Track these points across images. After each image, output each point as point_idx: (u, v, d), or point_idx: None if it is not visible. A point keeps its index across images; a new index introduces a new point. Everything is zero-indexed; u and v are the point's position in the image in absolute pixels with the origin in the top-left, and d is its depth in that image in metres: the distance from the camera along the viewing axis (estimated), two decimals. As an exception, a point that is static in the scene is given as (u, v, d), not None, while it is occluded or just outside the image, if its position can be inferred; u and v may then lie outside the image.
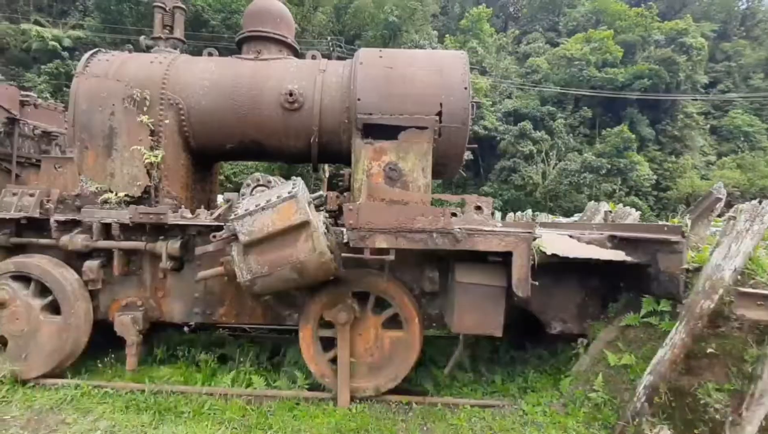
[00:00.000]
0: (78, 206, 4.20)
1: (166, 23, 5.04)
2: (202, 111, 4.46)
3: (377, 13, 31.04)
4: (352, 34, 31.48)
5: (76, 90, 4.33)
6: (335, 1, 33.11)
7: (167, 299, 4.12)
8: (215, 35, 28.46)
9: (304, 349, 3.88)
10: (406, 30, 30.79)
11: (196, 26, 27.91)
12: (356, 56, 4.48)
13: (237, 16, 28.99)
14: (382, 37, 31.13)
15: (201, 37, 28.09)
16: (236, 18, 28.95)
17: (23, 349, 3.83)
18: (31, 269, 3.86)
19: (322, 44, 29.92)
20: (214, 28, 28.17)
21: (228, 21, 28.36)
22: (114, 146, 4.29)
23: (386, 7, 30.17)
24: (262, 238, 3.27)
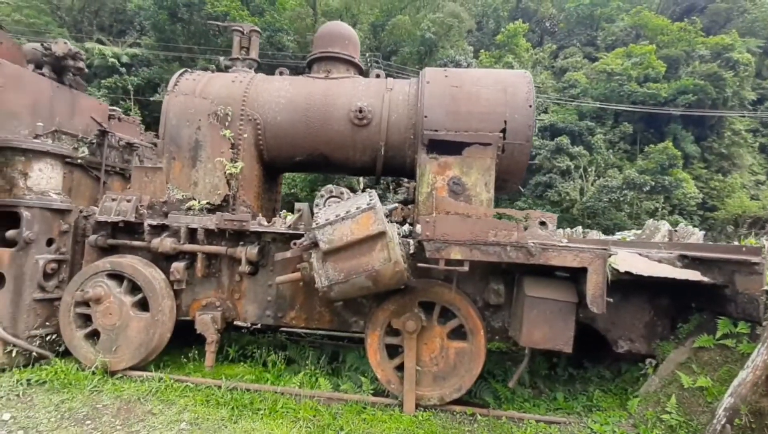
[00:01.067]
0: (165, 212, 4.57)
1: (243, 45, 5.46)
2: (277, 126, 4.78)
3: (413, 30, 31.69)
4: (388, 51, 32.22)
5: (167, 106, 4.74)
6: (372, 18, 34.07)
7: (242, 301, 4.38)
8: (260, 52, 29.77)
9: (370, 355, 4.02)
10: (442, 46, 31.23)
11: (241, 44, 29.33)
12: (422, 76, 4.70)
13: (280, 35, 30.37)
14: (418, 53, 31.68)
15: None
16: (279, 36, 30.33)
17: (114, 342, 4.17)
18: (124, 269, 4.22)
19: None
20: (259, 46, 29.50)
21: (272, 39, 29.68)
22: (198, 157, 4.66)
23: (423, 24, 30.74)
24: (341, 246, 3.47)
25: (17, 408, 3.66)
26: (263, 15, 30.90)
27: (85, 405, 3.75)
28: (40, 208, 4.15)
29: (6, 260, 4.01)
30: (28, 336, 4.10)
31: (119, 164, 6.06)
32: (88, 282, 4.22)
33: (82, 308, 4.26)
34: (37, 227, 4.12)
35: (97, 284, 4.20)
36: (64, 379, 4.00)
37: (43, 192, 4.24)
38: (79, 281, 4.25)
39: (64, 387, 3.94)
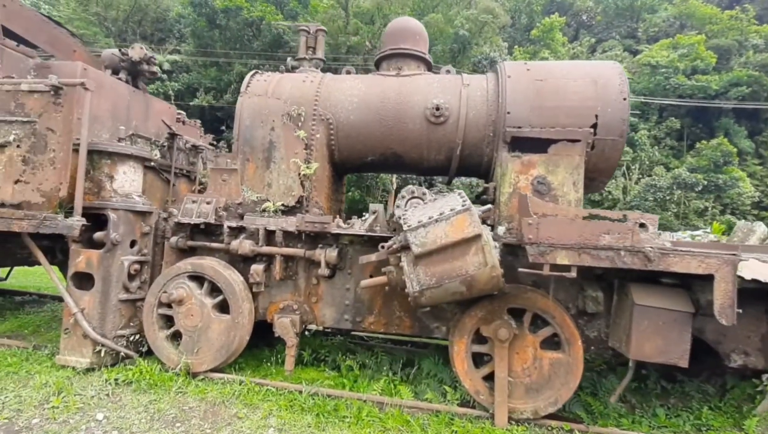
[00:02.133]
0: (240, 214, 4.55)
1: (310, 45, 5.40)
2: (349, 125, 4.68)
3: (446, 28, 31.27)
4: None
5: (241, 108, 4.73)
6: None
7: (320, 304, 4.30)
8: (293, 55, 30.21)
9: (457, 363, 3.84)
10: (476, 43, 30.67)
11: (276, 47, 29.94)
12: (501, 70, 4.47)
13: (313, 37, 30.53)
14: (451, 51, 31.22)
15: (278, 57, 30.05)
16: (312, 38, 30.48)
17: (196, 344, 4.18)
18: (205, 271, 4.22)
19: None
20: (292, 48, 29.97)
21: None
22: (272, 158, 4.62)
23: (456, 21, 30.29)
24: (434, 250, 3.31)
25: (108, 408, 3.70)
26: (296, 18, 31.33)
27: (172, 407, 3.75)
28: (125, 210, 4.20)
29: (95, 261, 4.08)
30: (114, 336, 4.17)
31: (185, 167, 6.14)
32: (170, 284, 4.25)
33: (164, 310, 4.30)
34: (122, 229, 4.18)
35: (179, 285, 4.22)
36: (149, 380, 4.03)
37: (127, 194, 4.30)
38: (162, 283, 4.28)
39: (151, 387, 3.97)
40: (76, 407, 3.63)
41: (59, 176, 3.87)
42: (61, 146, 3.88)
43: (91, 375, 4.06)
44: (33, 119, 3.94)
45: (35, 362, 4.27)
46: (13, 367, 4.12)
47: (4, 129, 4.01)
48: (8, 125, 4.00)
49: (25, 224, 3.85)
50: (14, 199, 3.92)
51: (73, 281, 4.15)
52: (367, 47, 32.26)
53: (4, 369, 4.07)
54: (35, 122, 3.94)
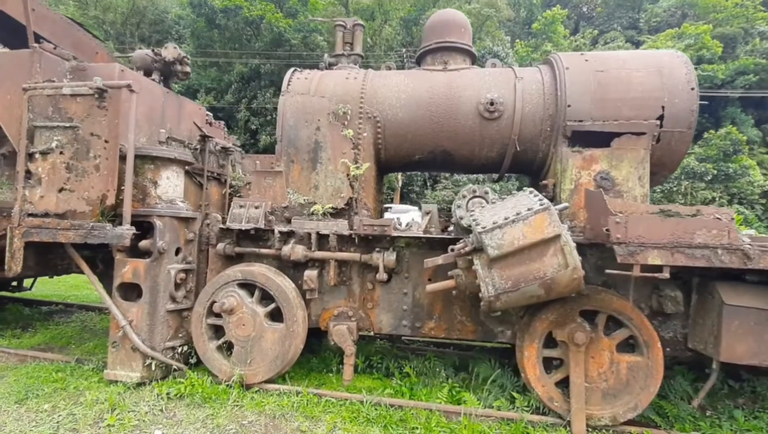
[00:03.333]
0: (287, 218, 4.38)
1: (347, 40, 5.21)
2: (397, 123, 4.50)
3: (448, 22, 31.03)
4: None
5: (284, 107, 4.55)
6: (403, 14, 33.56)
7: (376, 310, 4.13)
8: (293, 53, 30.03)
9: (528, 369, 3.68)
10: (478, 37, 30.43)
11: (276, 46, 29.64)
12: (557, 61, 4.30)
13: (315, 35, 30.40)
14: (454, 46, 30.98)
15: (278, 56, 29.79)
16: (314, 37, 30.36)
17: (248, 354, 4.01)
18: (256, 278, 4.05)
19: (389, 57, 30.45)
20: (293, 47, 29.70)
21: (306, 39, 29.76)
22: (319, 159, 4.44)
23: (458, 16, 30.02)
24: (511, 252, 3.14)
25: (165, 424, 3.53)
26: (296, 16, 31.03)
27: (231, 421, 3.58)
28: (170, 217, 4.02)
29: (142, 271, 3.90)
30: (163, 349, 3.99)
31: (216, 169, 5.95)
32: (219, 292, 4.08)
33: (212, 319, 4.12)
34: (168, 237, 4.00)
35: (230, 294, 4.05)
36: (202, 393, 3.86)
37: (171, 200, 4.12)
38: (210, 292, 4.11)
39: (205, 401, 3.80)
40: (131, 424, 3.46)
41: (106, 183, 3.68)
42: (107, 151, 3.69)
43: (142, 389, 3.89)
44: (75, 123, 3.74)
45: (81, 377, 4.09)
46: (59, 383, 3.94)
47: (44, 135, 3.82)
48: (49, 131, 3.81)
49: (71, 235, 3.66)
50: (58, 208, 3.73)
51: (119, 292, 3.97)
52: (368, 44, 32.01)
53: (51, 385, 3.90)
54: (78, 127, 3.74)
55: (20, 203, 3.80)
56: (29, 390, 3.82)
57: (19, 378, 4.08)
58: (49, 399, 3.70)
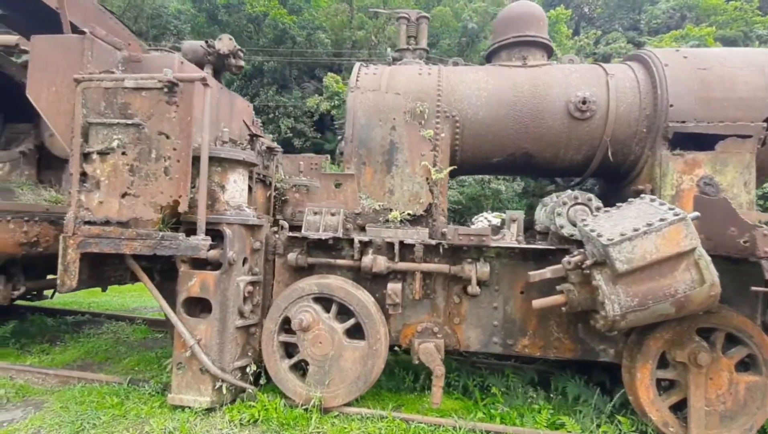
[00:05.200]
0: (360, 225, 4.04)
1: (411, 34, 4.87)
2: (477, 123, 4.18)
3: (453, 21, 30.78)
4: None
5: (353, 105, 4.20)
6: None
7: (463, 326, 3.81)
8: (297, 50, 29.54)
9: (641, 392, 3.39)
10: (485, 36, 30.24)
11: (279, 42, 29.09)
12: (652, 57, 4.02)
13: (319, 32, 29.92)
14: (459, 45, 30.78)
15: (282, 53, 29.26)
16: (317, 34, 29.89)
17: (326, 375, 3.66)
18: (334, 291, 3.69)
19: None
20: (297, 44, 29.19)
21: (310, 37, 29.28)
22: (394, 161, 4.10)
23: (464, 14, 29.81)
24: (641, 267, 2.85)
25: (243, 456, 3.17)
26: (300, 13, 30.51)
27: (316, 452, 3.24)
28: (239, 224, 3.65)
29: (211, 284, 3.53)
30: (233, 369, 3.62)
31: (261, 171, 5.57)
32: (292, 307, 3.72)
33: (284, 336, 3.77)
34: (237, 246, 3.62)
35: (304, 309, 3.69)
36: (277, 418, 3.50)
37: (238, 206, 3.75)
38: (282, 306, 3.75)
39: (282, 427, 3.44)
40: (208, 457, 3.11)
41: (177, 188, 3.29)
42: (178, 152, 3.30)
43: (212, 415, 3.52)
44: (140, 121, 3.35)
45: (139, 401, 3.70)
46: (117, 409, 3.55)
47: (102, 133, 3.42)
48: (107, 129, 3.41)
49: (137, 245, 3.27)
50: (121, 216, 3.34)
51: (185, 307, 3.59)
52: (373, 42, 31.63)
53: (109, 412, 3.50)
54: (143, 125, 3.35)
55: (75, 209, 3.39)
56: (83, 418, 3.42)
57: (67, 403, 3.67)
58: (109, 429, 3.31)
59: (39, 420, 3.39)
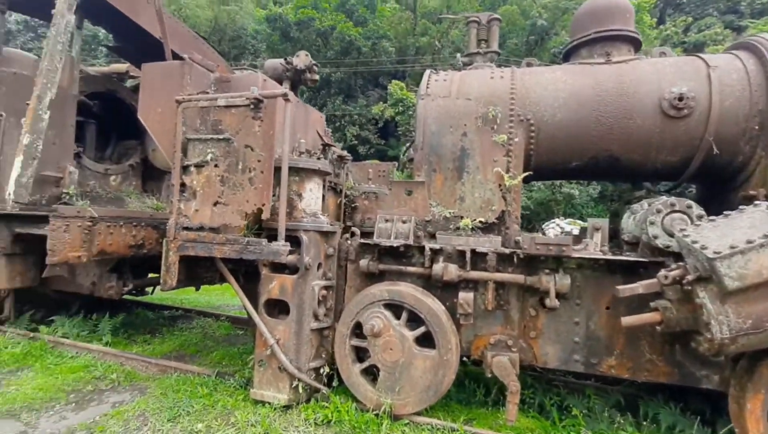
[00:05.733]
0: (430, 232, 4.01)
1: (481, 37, 4.77)
2: (555, 126, 3.96)
3: (521, 19, 29.67)
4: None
5: (424, 112, 4.20)
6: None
7: (539, 340, 3.61)
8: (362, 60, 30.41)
9: (750, 425, 2.94)
10: (555, 33, 28.76)
11: (345, 54, 30.19)
12: (764, 44, 3.51)
13: (383, 41, 30.57)
14: (527, 44, 29.59)
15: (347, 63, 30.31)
16: (382, 43, 30.55)
17: (396, 382, 3.67)
18: (404, 298, 3.71)
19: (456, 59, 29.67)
20: (362, 54, 30.09)
21: (375, 46, 30.03)
22: (465, 168, 4.03)
23: (533, 11, 28.61)
24: (755, 284, 2.48)
25: (318, 455, 3.28)
26: (366, 24, 31.43)
27: (388, 458, 3.25)
28: (314, 231, 3.82)
29: (289, 287, 3.73)
30: (308, 369, 3.78)
31: (332, 179, 5.79)
32: (364, 313, 3.80)
33: (356, 341, 3.86)
34: (312, 252, 3.79)
35: (375, 315, 3.75)
36: (350, 421, 3.58)
37: (314, 214, 3.93)
38: (354, 311, 3.85)
39: (354, 430, 3.51)
40: (287, 453, 3.26)
41: (261, 197, 3.55)
42: (262, 163, 3.56)
43: (289, 413, 3.70)
44: (229, 136, 3.67)
45: (225, 393, 4.01)
46: (206, 399, 3.88)
47: (198, 148, 3.80)
48: (203, 144, 3.78)
49: (227, 250, 3.57)
50: (213, 222, 3.67)
51: (265, 308, 3.83)
52: (437, 47, 31.56)
53: (200, 401, 3.84)
54: (231, 139, 3.66)
55: (176, 216, 3.80)
56: (179, 406, 3.78)
57: (166, 391, 4.08)
58: (201, 418, 3.61)
59: (144, 404, 3.82)
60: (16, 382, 4.17)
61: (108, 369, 4.52)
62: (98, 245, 4.44)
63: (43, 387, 4.08)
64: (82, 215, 4.30)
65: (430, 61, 31.08)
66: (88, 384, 4.24)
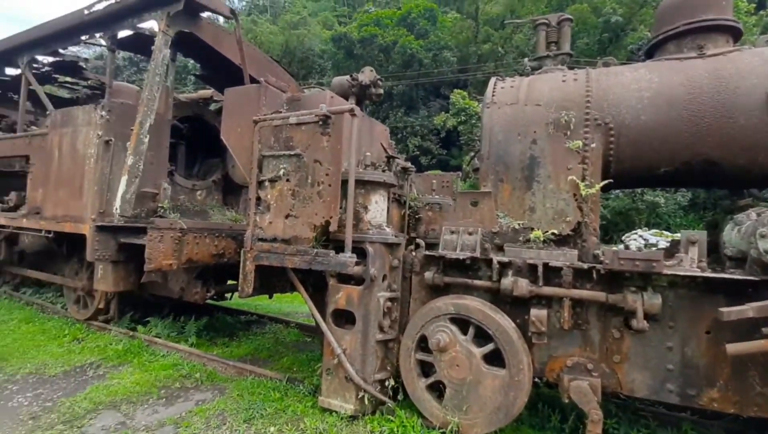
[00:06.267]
0: (498, 245, 3.86)
1: (551, 39, 4.55)
2: (639, 129, 3.63)
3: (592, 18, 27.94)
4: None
5: (490, 121, 4.09)
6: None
7: (625, 366, 3.27)
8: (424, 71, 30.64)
9: None
10: (632, 28, 26.67)
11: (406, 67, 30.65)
12: None
13: (444, 51, 30.58)
14: (599, 43, 27.77)
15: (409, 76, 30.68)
16: (443, 53, 30.58)
17: (464, 400, 3.54)
18: (471, 313, 3.59)
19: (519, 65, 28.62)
20: (424, 66, 30.34)
21: (437, 57, 30.14)
22: (535, 177, 3.83)
23: (606, 8, 26.82)
24: None
25: (383, 469, 3.24)
26: (427, 37, 31.70)
27: (455, 480, 3.12)
28: (380, 243, 3.85)
29: (355, 298, 3.80)
30: (373, 381, 3.80)
31: (396, 190, 5.83)
32: (429, 326, 3.74)
33: (421, 355, 3.80)
34: (378, 263, 3.83)
35: (441, 329, 3.67)
36: (415, 437, 3.52)
37: (379, 226, 3.98)
38: (419, 324, 3.80)
39: (420, 447, 3.44)
40: (353, 463, 3.27)
41: (329, 209, 3.68)
42: (330, 177, 3.70)
43: (355, 423, 3.73)
44: (299, 151, 3.87)
45: (295, 399, 4.16)
46: (278, 403, 4.05)
47: (272, 164, 4.05)
48: (276, 160, 4.02)
49: (297, 260, 3.74)
50: (285, 234, 3.88)
51: (332, 318, 3.93)
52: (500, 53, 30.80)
53: (272, 405, 4.02)
54: (302, 155, 3.86)
55: (252, 228, 4.07)
56: (254, 408, 3.98)
57: (242, 392, 4.33)
58: (273, 421, 3.78)
59: (223, 404, 4.09)
60: (118, 376, 4.71)
61: (193, 369, 4.93)
62: (186, 254, 4.90)
63: (140, 381, 4.55)
64: (174, 227, 4.78)
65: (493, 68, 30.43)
66: (176, 381, 4.66)
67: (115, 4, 5.40)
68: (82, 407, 3.99)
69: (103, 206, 5.30)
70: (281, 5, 54.30)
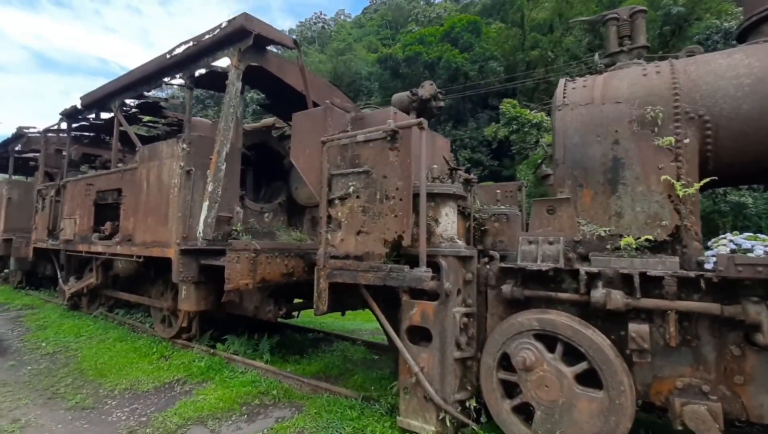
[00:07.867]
0: (581, 254, 3.59)
1: (623, 34, 4.28)
2: (740, 120, 3.26)
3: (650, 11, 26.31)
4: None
5: (563, 124, 3.88)
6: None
7: (749, 388, 2.85)
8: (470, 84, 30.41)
9: None
10: (696, 18, 24.72)
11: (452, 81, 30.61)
12: None
13: (490, 62, 30.23)
14: (660, 36, 25.96)
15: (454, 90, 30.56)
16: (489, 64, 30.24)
17: (556, 425, 3.26)
18: (558, 329, 3.34)
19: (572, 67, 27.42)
20: (469, 78, 30.16)
21: (482, 68, 29.86)
22: (620, 180, 3.55)
23: (664, 0, 25.16)
24: None
25: (472, 497, 3.03)
26: (472, 49, 31.60)
27: None
28: (453, 256, 3.75)
29: (430, 314, 3.70)
30: (453, 401, 3.63)
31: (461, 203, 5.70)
32: (511, 343, 3.53)
33: (504, 374, 3.59)
34: (452, 277, 3.71)
35: (525, 346, 3.45)
36: (503, 464, 3.29)
37: (450, 238, 3.88)
38: (500, 341, 3.61)
39: (510, 475, 3.20)
40: (439, 490, 3.10)
41: (401, 224, 3.66)
42: (400, 192, 3.69)
43: (437, 446, 3.58)
44: (368, 168, 3.91)
45: (372, 418, 4.09)
46: (356, 423, 3.99)
47: (341, 182, 4.13)
48: (345, 178, 4.10)
49: (371, 277, 3.74)
50: (357, 250, 3.90)
51: (408, 335, 3.85)
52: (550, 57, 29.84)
53: (350, 424, 3.97)
54: (370, 171, 3.90)
55: (324, 246, 4.14)
56: (332, 426, 3.96)
57: (319, 410, 4.33)
58: (353, 441, 3.73)
59: (302, 421, 4.12)
60: (203, 392, 4.93)
61: (270, 385, 5.04)
62: (260, 273, 5.09)
63: (223, 397, 4.72)
64: (249, 248, 5.01)
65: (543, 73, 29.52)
66: (255, 398, 4.78)
67: (193, 46, 5.93)
68: (173, 422, 4.20)
69: (186, 231, 5.70)
70: (327, 35, 57.04)
